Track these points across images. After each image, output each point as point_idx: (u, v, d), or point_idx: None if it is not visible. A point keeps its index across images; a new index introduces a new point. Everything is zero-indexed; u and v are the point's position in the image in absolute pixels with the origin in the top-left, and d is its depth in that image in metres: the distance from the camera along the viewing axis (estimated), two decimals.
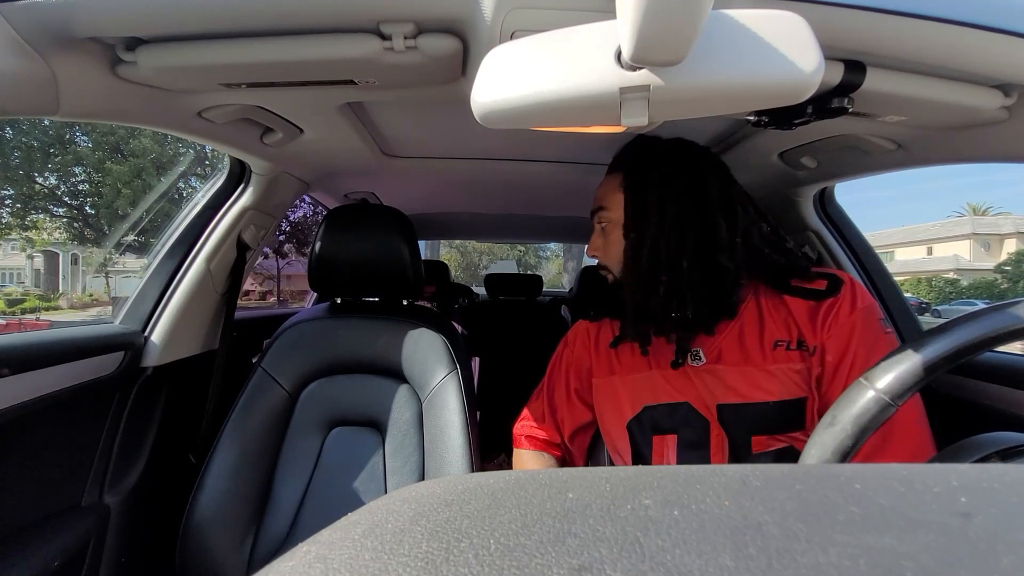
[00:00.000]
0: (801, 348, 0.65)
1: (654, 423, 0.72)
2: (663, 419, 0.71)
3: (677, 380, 0.71)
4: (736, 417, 0.66)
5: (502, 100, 0.37)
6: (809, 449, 0.39)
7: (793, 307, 0.68)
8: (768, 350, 0.66)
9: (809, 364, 0.65)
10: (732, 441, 0.67)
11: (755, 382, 0.66)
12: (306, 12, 0.51)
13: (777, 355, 0.66)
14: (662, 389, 0.71)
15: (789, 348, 0.66)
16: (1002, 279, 23.33)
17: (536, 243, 3.71)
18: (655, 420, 0.72)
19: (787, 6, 0.38)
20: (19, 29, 0.48)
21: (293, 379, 0.92)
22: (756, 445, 0.65)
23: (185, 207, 1.06)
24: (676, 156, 0.71)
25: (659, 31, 0.31)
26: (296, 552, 0.16)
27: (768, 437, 0.65)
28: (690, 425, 0.69)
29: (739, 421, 0.66)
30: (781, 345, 0.66)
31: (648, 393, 0.72)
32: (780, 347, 0.66)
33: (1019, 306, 0.36)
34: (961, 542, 0.15)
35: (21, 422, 0.69)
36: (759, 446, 0.65)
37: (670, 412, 0.70)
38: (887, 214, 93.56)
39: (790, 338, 0.66)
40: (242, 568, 0.79)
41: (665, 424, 0.71)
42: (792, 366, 0.65)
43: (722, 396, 0.67)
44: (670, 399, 0.71)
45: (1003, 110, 0.59)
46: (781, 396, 0.64)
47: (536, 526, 0.16)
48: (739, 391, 0.66)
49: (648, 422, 0.72)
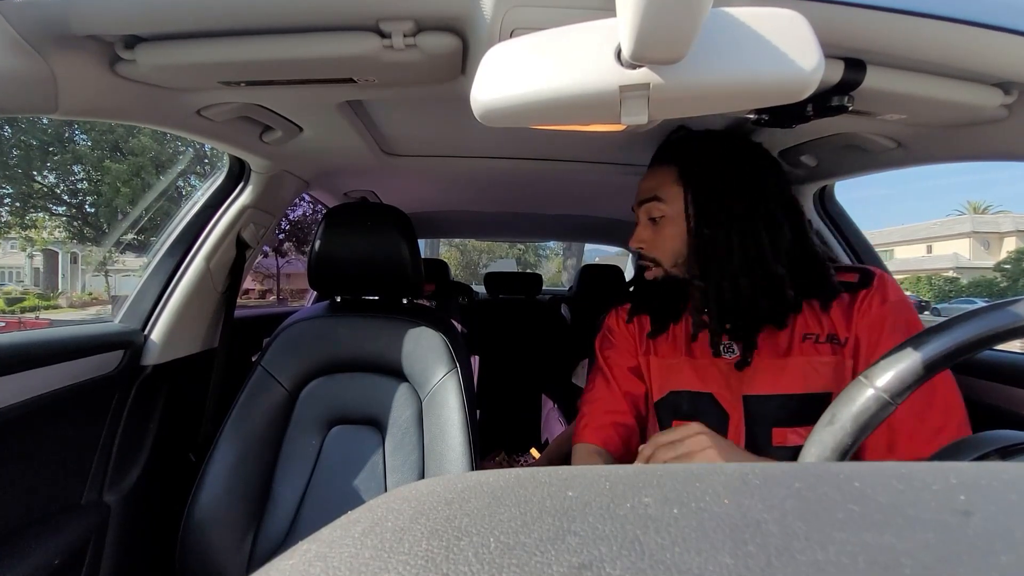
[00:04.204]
0: (832, 341, 0.66)
1: (676, 407, 0.74)
2: (685, 404, 0.73)
3: (704, 371, 0.72)
4: (761, 407, 0.67)
5: (502, 98, 0.37)
6: (808, 447, 0.39)
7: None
8: (798, 342, 0.67)
9: (841, 357, 0.65)
10: (752, 435, 0.68)
11: (782, 374, 0.67)
12: (305, 10, 0.51)
13: (806, 348, 0.67)
14: (688, 378, 0.73)
15: (818, 341, 0.66)
16: (1001, 277, 23.34)
17: (536, 242, 3.72)
18: (678, 404, 0.74)
19: (787, 4, 0.38)
20: (18, 27, 0.48)
21: (293, 378, 0.92)
22: (777, 437, 0.66)
23: (184, 206, 1.06)
24: (735, 151, 0.71)
25: (659, 29, 0.31)
26: (296, 550, 0.16)
27: (789, 430, 0.66)
28: (710, 416, 0.70)
29: (763, 412, 0.67)
30: (810, 338, 0.67)
31: (675, 379, 0.75)
32: (809, 340, 0.67)
33: (1018, 304, 0.36)
34: (960, 540, 0.15)
35: (21, 421, 0.69)
36: (779, 438, 0.66)
37: (692, 400, 0.73)
38: (887, 212, 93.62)
39: (820, 331, 0.67)
40: (242, 566, 0.79)
41: (686, 409, 0.73)
42: (821, 359, 0.66)
43: (749, 387, 0.68)
44: (694, 388, 0.73)
45: (1003, 108, 0.59)
46: (806, 389, 0.65)
47: (536, 524, 0.16)
48: (766, 382, 0.67)
49: (671, 406, 0.74)
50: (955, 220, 30.39)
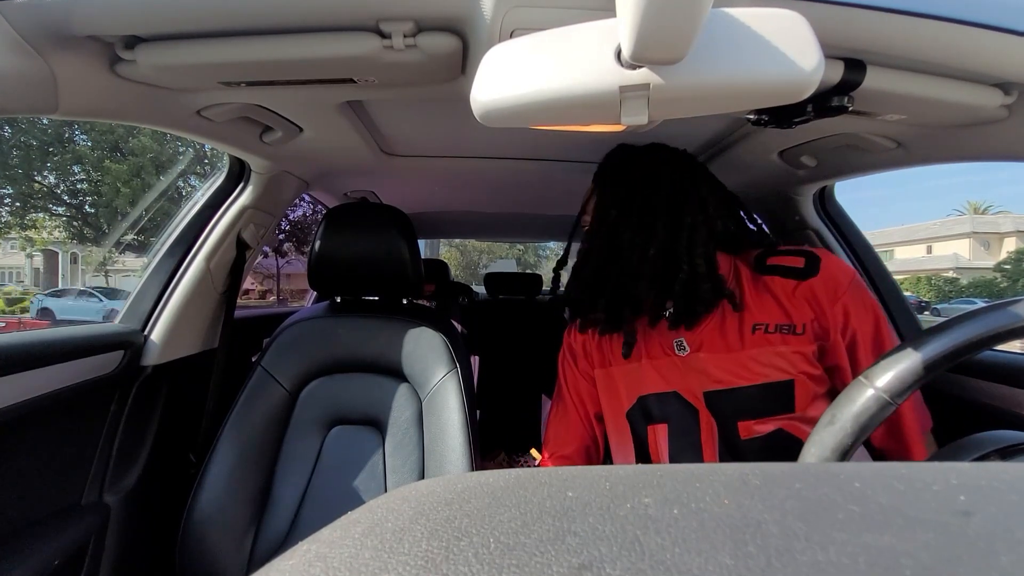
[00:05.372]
0: (783, 331, 0.66)
1: (647, 412, 0.74)
2: (655, 408, 0.73)
3: (666, 370, 0.72)
4: (722, 403, 0.68)
5: (502, 99, 0.37)
6: (809, 448, 0.39)
7: (774, 288, 0.69)
8: (747, 335, 0.68)
9: (798, 344, 0.66)
10: (722, 427, 0.68)
11: (735, 368, 0.67)
12: (305, 10, 0.51)
13: (756, 339, 0.67)
14: (652, 379, 0.73)
15: (768, 331, 0.67)
16: (1001, 278, 23.34)
17: (536, 242, 3.73)
18: (648, 409, 0.73)
19: (787, 4, 0.38)
20: (18, 28, 0.48)
21: (293, 378, 0.92)
22: (743, 431, 0.67)
23: (184, 206, 1.06)
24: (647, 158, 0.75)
25: (659, 29, 0.31)
26: (296, 551, 0.16)
27: (754, 422, 0.66)
28: (680, 413, 0.71)
29: (725, 407, 0.68)
30: (760, 328, 0.67)
31: (642, 383, 0.74)
32: (759, 331, 0.67)
33: (1018, 304, 0.36)
34: (960, 540, 0.15)
35: (21, 421, 0.69)
36: (746, 431, 0.67)
37: (660, 401, 0.72)
38: (887, 212, 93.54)
39: (770, 320, 0.67)
40: (242, 567, 0.79)
41: (656, 413, 0.73)
42: (774, 349, 0.66)
43: (707, 384, 0.69)
44: (660, 389, 0.72)
45: (1003, 108, 0.59)
46: (764, 379, 0.66)
47: (536, 524, 0.16)
48: (721, 378, 0.68)
49: (643, 412, 0.74)
50: (955, 220, 30.39)
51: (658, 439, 0.72)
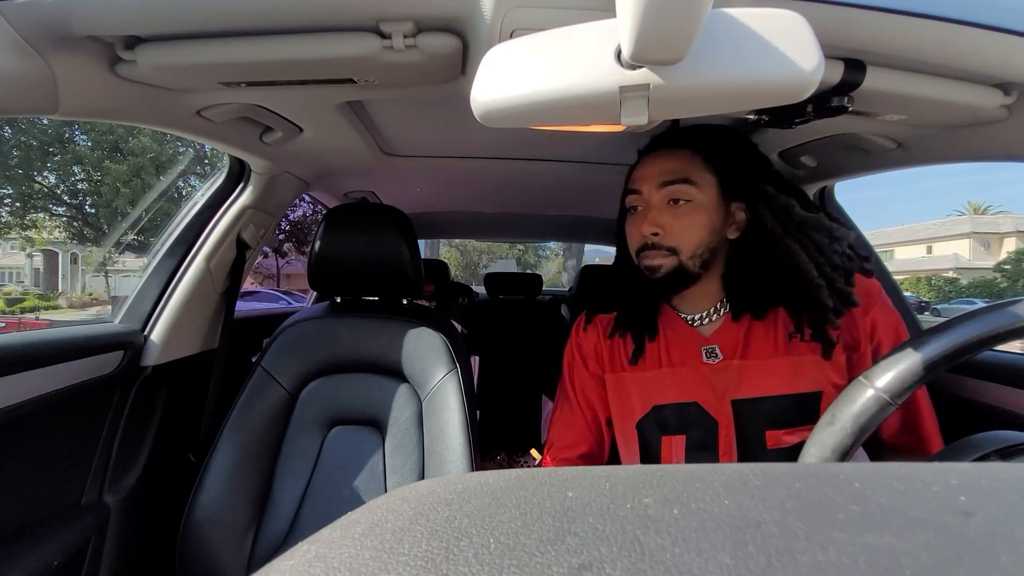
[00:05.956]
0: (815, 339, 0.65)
1: (663, 423, 0.70)
2: (672, 419, 0.70)
3: (688, 379, 0.70)
4: (752, 411, 0.66)
5: (502, 99, 0.37)
6: (809, 448, 0.39)
7: None
8: (783, 341, 0.67)
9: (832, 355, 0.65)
10: (744, 440, 0.66)
11: (771, 375, 0.66)
12: (305, 11, 0.51)
13: (792, 346, 0.66)
14: (672, 388, 0.70)
15: (803, 339, 0.65)
16: (1001, 278, 23.32)
17: (536, 242, 3.72)
18: (664, 420, 0.70)
19: (787, 4, 0.38)
20: (18, 28, 0.48)
21: (293, 378, 0.92)
22: (771, 440, 0.65)
23: (184, 206, 1.06)
24: (745, 139, 0.71)
25: (659, 30, 0.31)
26: (296, 551, 0.16)
27: (784, 432, 0.65)
28: (698, 426, 0.68)
29: (754, 415, 0.66)
30: (795, 336, 0.66)
31: (658, 392, 0.71)
32: (795, 338, 0.66)
33: (1018, 305, 0.36)
34: (960, 540, 0.15)
35: (21, 421, 0.69)
36: (774, 441, 0.65)
37: (679, 412, 0.69)
38: (887, 213, 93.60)
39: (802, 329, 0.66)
40: (242, 567, 0.79)
41: (673, 424, 0.70)
42: (807, 358, 0.65)
43: (737, 391, 0.67)
44: (679, 399, 0.69)
45: (1003, 109, 0.59)
46: (796, 389, 0.65)
47: (536, 525, 0.16)
48: (755, 385, 0.66)
49: (657, 422, 0.71)
50: (955, 220, 30.38)
51: (674, 451, 0.70)
